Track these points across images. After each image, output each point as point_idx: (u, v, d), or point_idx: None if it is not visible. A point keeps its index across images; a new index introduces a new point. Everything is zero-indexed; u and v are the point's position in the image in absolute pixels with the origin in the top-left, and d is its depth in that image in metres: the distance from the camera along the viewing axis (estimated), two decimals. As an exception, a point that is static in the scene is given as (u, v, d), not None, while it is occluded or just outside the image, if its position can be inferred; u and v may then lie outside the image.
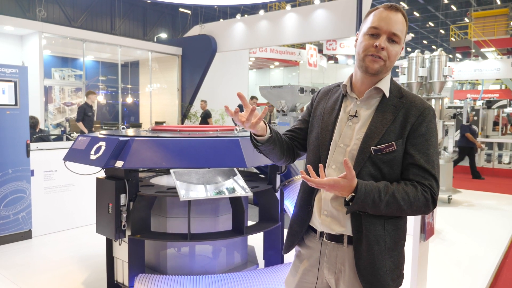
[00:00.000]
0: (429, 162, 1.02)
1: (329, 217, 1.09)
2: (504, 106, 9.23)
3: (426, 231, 1.91)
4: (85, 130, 6.32)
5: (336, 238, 1.09)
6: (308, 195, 1.15)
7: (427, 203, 1.01)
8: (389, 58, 1.04)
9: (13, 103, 3.23)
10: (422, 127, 1.03)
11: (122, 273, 2.25)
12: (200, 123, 8.28)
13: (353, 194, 0.97)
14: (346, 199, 0.99)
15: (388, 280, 1.05)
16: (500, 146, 8.63)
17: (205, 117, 8.29)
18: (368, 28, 1.05)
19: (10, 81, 3.20)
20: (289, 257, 1.29)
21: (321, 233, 1.12)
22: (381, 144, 1.03)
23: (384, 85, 1.08)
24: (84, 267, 2.77)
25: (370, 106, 1.08)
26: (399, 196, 0.99)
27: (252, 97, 7.55)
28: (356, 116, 1.08)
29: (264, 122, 1.10)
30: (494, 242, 3.45)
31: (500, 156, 8.30)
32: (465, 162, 8.25)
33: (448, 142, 4.99)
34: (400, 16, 1.04)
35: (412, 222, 1.87)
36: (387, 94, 1.07)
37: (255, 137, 1.10)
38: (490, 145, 8.46)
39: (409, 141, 1.03)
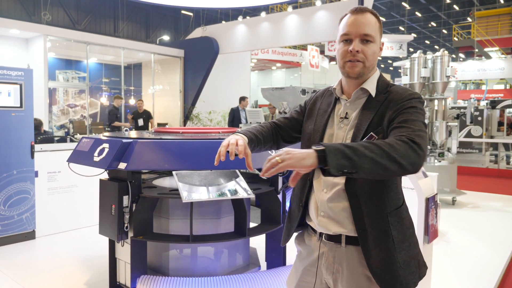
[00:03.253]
0: (408, 123, 0.95)
1: (326, 218, 1.09)
2: (509, 106, 9.15)
3: (430, 233, 1.89)
4: (123, 125, 7.37)
5: (335, 238, 1.09)
6: (300, 191, 1.17)
7: (409, 146, 0.88)
8: (367, 58, 1.06)
9: (19, 105, 3.26)
10: (402, 106, 1.01)
11: (124, 274, 2.26)
12: (143, 125, 7.73)
13: (321, 148, 0.84)
14: (317, 153, 0.84)
15: (406, 274, 1.03)
16: (506, 146, 8.55)
17: (148, 118, 7.94)
18: (340, 36, 1.08)
19: (16, 83, 3.24)
20: (291, 259, 1.29)
21: (320, 233, 1.13)
22: (363, 138, 1.02)
23: (370, 85, 1.09)
24: (87, 268, 2.78)
25: (358, 107, 1.10)
26: (374, 143, 0.88)
27: (245, 98, 7.44)
28: (347, 118, 1.10)
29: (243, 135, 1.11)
30: (500, 245, 3.41)
31: (508, 157, 8.22)
32: (467, 163, 8.18)
33: (452, 143, 4.94)
34: (368, 15, 1.06)
35: (416, 224, 1.86)
36: (373, 94, 1.08)
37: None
38: (495, 146, 8.39)
39: (391, 123, 1.00)
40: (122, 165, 1.91)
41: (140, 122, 7.73)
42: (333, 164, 0.83)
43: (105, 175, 2.21)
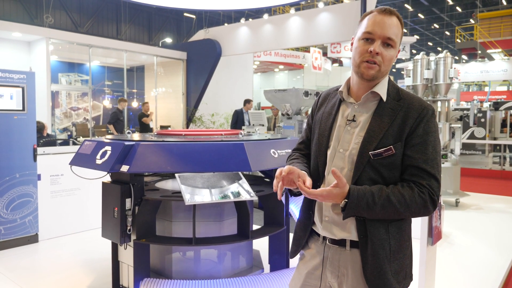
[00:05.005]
0: (428, 162, 1.01)
1: (330, 223, 1.09)
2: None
3: (434, 235, 1.88)
4: (115, 133, 7.13)
5: (339, 242, 1.09)
6: (309, 200, 1.16)
7: (425, 205, 1.00)
8: (384, 63, 1.04)
9: (21, 108, 3.27)
10: (420, 128, 1.03)
11: (127, 277, 2.25)
12: (149, 128, 7.71)
13: (346, 200, 0.98)
14: (340, 205, 1.00)
15: (394, 283, 1.05)
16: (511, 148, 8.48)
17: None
18: (362, 33, 1.05)
19: (18, 86, 3.25)
20: (295, 261, 1.28)
21: (324, 237, 1.13)
22: (380, 148, 1.02)
23: (381, 89, 1.07)
24: (90, 271, 2.78)
25: (368, 110, 1.08)
26: (394, 198, 0.99)
27: (250, 100, 7.43)
28: (354, 121, 1.08)
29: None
30: (504, 246, 3.39)
31: (511, 158, 8.16)
32: (470, 165, 8.14)
33: (455, 144, 4.92)
34: (394, 19, 1.04)
35: (419, 226, 1.85)
36: (384, 98, 1.07)
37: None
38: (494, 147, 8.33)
39: (407, 143, 1.03)
40: (124, 168, 1.91)
41: (151, 124, 7.81)
42: (345, 216, 1.02)
43: (107, 178, 2.21)
